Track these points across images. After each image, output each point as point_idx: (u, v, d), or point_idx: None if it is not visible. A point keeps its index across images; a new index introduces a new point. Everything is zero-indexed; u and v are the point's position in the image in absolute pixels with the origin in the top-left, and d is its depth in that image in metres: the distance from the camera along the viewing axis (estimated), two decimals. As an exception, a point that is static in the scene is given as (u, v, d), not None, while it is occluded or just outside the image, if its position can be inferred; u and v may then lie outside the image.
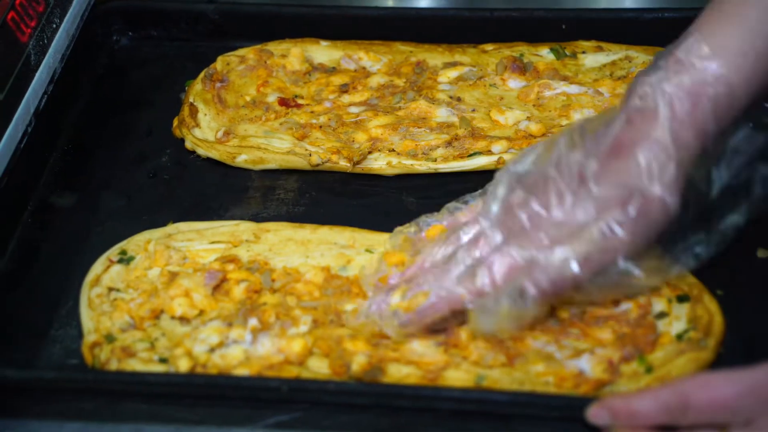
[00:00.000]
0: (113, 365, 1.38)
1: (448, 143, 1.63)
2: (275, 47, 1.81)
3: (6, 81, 1.55)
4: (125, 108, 1.79)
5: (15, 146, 1.55)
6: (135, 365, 1.37)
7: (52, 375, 1.35)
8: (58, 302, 1.49)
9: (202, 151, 1.68)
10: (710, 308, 1.37)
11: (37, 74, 1.62)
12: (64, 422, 1.35)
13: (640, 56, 1.72)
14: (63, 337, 1.45)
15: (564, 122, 1.64)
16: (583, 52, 1.75)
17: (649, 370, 1.32)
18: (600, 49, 1.75)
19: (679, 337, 1.35)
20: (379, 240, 1.50)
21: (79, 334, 1.44)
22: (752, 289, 1.43)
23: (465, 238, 1.39)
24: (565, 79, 1.70)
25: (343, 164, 1.63)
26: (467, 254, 1.36)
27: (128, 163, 1.70)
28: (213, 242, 1.53)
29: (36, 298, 1.50)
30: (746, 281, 1.44)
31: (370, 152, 1.64)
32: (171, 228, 1.55)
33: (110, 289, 1.46)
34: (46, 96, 1.65)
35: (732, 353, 1.35)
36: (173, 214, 1.60)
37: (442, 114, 1.67)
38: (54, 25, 1.68)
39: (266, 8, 1.88)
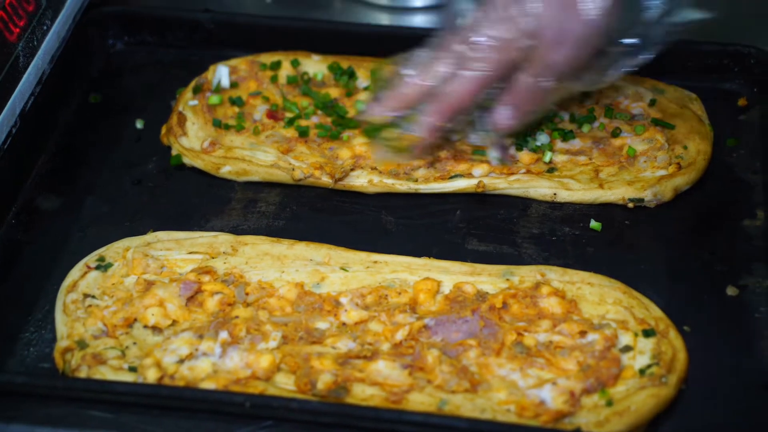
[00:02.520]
0: (83, 372, 1.39)
1: (430, 164, 1.65)
2: (267, 58, 1.82)
3: (-7, 82, 1.57)
4: (116, 113, 1.81)
5: (-1, 146, 1.58)
6: (105, 373, 1.39)
7: (22, 380, 1.37)
8: (35, 305, 1.51)
9: (187, 160, 1.69)
10: (675, 344, 1.38)
11: (25, 75, 1.64)
12: (34, 427, 1.37)
13: (626, 86, 1.73)
14: (37, 341, 1.47)
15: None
16: (571, 79, 1.75)
17: (610, 403, 1.33)
18: (588, 76, 1.76)
19: (642, 371, 1.36)
20: (354, 258, 1.52)
21: (53, 339, 1.46)
22: (720, 327, 1.44)
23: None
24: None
25: (326, 180, 1.64)
26: None
27: (115, 169, 1.72)
28: (191, 252, 1.55)
29: (14, 299, 1.52)
30: (714, 319, 1.45)
31: (352, 169, 1.65)
32: (150, 236, 1.57)
33: (86, 296, 1.48)
34: (33, 97, 1.67)
35: (694, 390, 1.37)
36: (155, 222, 1.61)
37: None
38: (45, 27, 1.70)
39: (261, 20, 1.90)
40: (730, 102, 1.72)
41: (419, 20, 2.02)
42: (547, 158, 1.62)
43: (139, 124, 1.77)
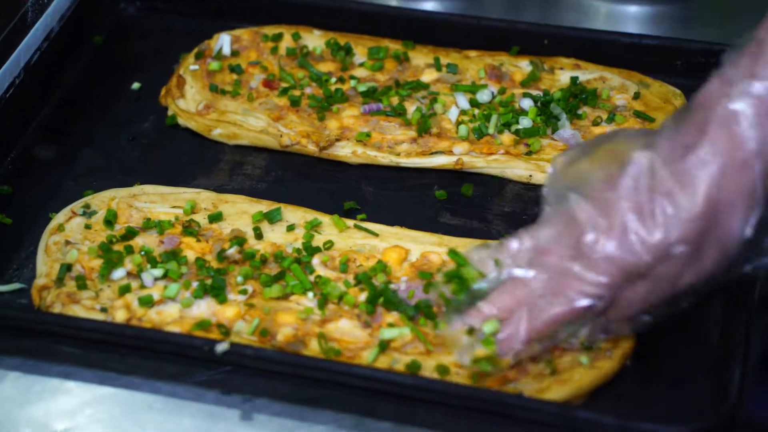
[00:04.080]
0: (57, 309, 1.46)
1: (413, 140, 1.70)
2: (270, 30, 1.88)
3: (-1, 34, 1.65)
4: (121, 73, 1.87)
5: (0, 95, 1.64)
6: (77, 311, 1.45)
7: (-4, 311, 1.44)
8: (21, 245, 1.58)
9: (182, 121, 1.76)
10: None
11: (32, 31, 1.71)
12: (5, 357, 1.44)
13: (614, 78, 1.77)
14: (18, 278, 1.54)
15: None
16: (561, 69, 1.80)
17: (554, 372, 1.37)
18: (578, 67, 1.80)
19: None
20: (326, 221, 1.57)
21: (34, 277, 1.52)
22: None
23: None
24: (538, 90, 1.76)
25: (311, 148, 1.70)
26: None
27: (112, 125, 1.78)
28: (174, 206, 1.61)
29: (1, 238, 1.59)
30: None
31: (338, 140, 1.70)
32: (137, 189, 1.63)
33: (68, 239, 1.54)
34: (39, 52, 1.74)
35: (639, 367, 1.40)
36: (145, 177, 1.68)
37: (414, 111, 1.73)
38: (56, -14, 1.77)
39: (269, -6, 1.95)
40: (714, 100, 1.75)
41: (429, 6, 2.06)
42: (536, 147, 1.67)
43: (135, 86, 1.83)
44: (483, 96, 1.74)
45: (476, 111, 1.73)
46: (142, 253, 1.52)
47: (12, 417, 1.39)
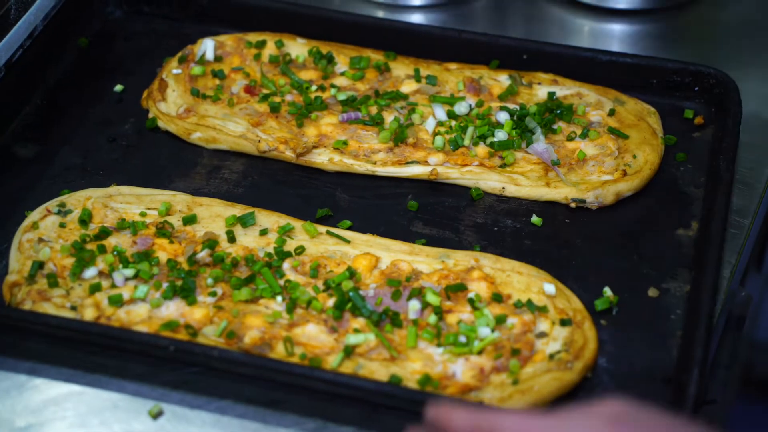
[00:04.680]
0: (27, 306, 1.47)
1: (390, 149, 1.71)
2: (254, 37, 1.90)
3: (-21, 29, 1.67)
4: (104, 74, 1.89)
5: (-22, 90, 1.66)
6: (47, 309, 1.47)
7: (-37, 305, 1.45)
8: (-6, 242, 1.60)
9: (162, 124, 1.77)
10: (587, 335, 1.44)
11: (15, 28, 1.73)
12: (-28, 352, 1.46)
13: (591, 94, 1.79)
14: (-9, 274, 1.55)
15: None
16: (539, 83, 1.82)
17: (516, 382, 1.39)
18: (555, 82, 1.82)
19: (551, 356, 1.42)
20: (297, 226, 1.59)
21: (6, 273, 1.54)
22: (635, 324, 1.49)
23: None
24: (515, 104, 1.78)
25: (289, 154, 1.72)
26: None
27: (93, 126, 1.80)
28: (149, 208, 1.62)
29: (-24, 235, 1.61)
30: (631, 316, 1.50)
31: (315, 147, 1.72)
32: (113, 189, 1.65)
33: (41, 237, 1.56)
34: (22, 50, 1.76)
35: (599, 379, 1.42)
36: (123, 178, 1.69)
37: (392, 121, 1.74)
38: (40, -15, 1.79)
39: (252, 0, 1.96)
40: (688, 120, 1.77)
41: (416, 18, 2.08)
42: (511, 159, 1.69)
43: (118, 88, 1.85)
44: (460, 108, 1.76)
45: (453, 123, 1.74)
46: (115, 252, 1.53)
47: (-23, 411, 1.41)
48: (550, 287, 1.49)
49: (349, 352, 1.42)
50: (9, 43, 1.72)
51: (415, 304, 1.48)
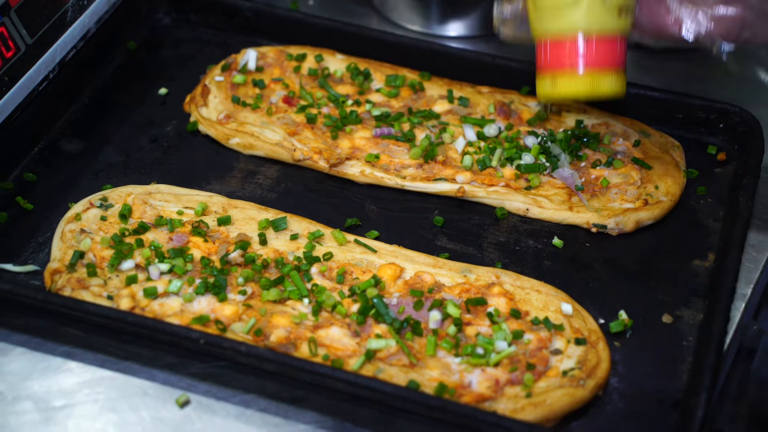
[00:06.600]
0: (66, 292, 1.54)
1: (420, 165, 1.78)
2: (295, 50, 1.97)
3: (39, 28, 1.74)
4: (150, 77, 1.96)
5: (33, 87, 1.74)
6: (85, 296, 1.54)
7: (8, 287, 1.52)
8: (38, 230, 1.67)
9: (202, 128, 1.85)
10: (601, 355, 1.49)
11: (70, 29, 1.80)
12: (12, 332, 1.53)
13: (618, 125, 1.85)
14: (34, 260, 1.62)
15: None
16: (568, 111, 1.88)
17: (529, 395, 1.44)
18: (584, 111, 1.88)
19: (565, 373, 1.47)
20: (327, 233, 1.65)
21: (48, 261, 1.61)
22: (648, 348, 1.54)
23: None
24: (543, 129, 1.84)
25: (322, 164, 1.78)
26: None
27: (136, 126, 1.87)
28: (186, 207, 1.69)
29: (21, 223, 1.68)
30: (645, 340, 1.55)
31: (348, 158, 1.79)
32: (152, 187, 1.72)
33: (83, 228, 1.63)
34: (75, 50, 1.83)
35: (610, 398, 1.48)
36: (162, 177, 1.76)
37: (423, 139, 1.81)
38: (96, -9, 1.87)
39: (295, 15, 2.03)
40: (711, 155, 1.83)
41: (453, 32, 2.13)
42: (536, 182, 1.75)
43: (162, 91, 1.92)
44: (490, 130, 1.82)
45: (482, 144, 1.81)
46: (152, 247, 1.60)
47: (14, 389, 1.47)
48: (567, 307, 1.55)
49: (370, 356, 1.48)
50: (64, 43, 1.79)
51: (435, 315, 1.54)
